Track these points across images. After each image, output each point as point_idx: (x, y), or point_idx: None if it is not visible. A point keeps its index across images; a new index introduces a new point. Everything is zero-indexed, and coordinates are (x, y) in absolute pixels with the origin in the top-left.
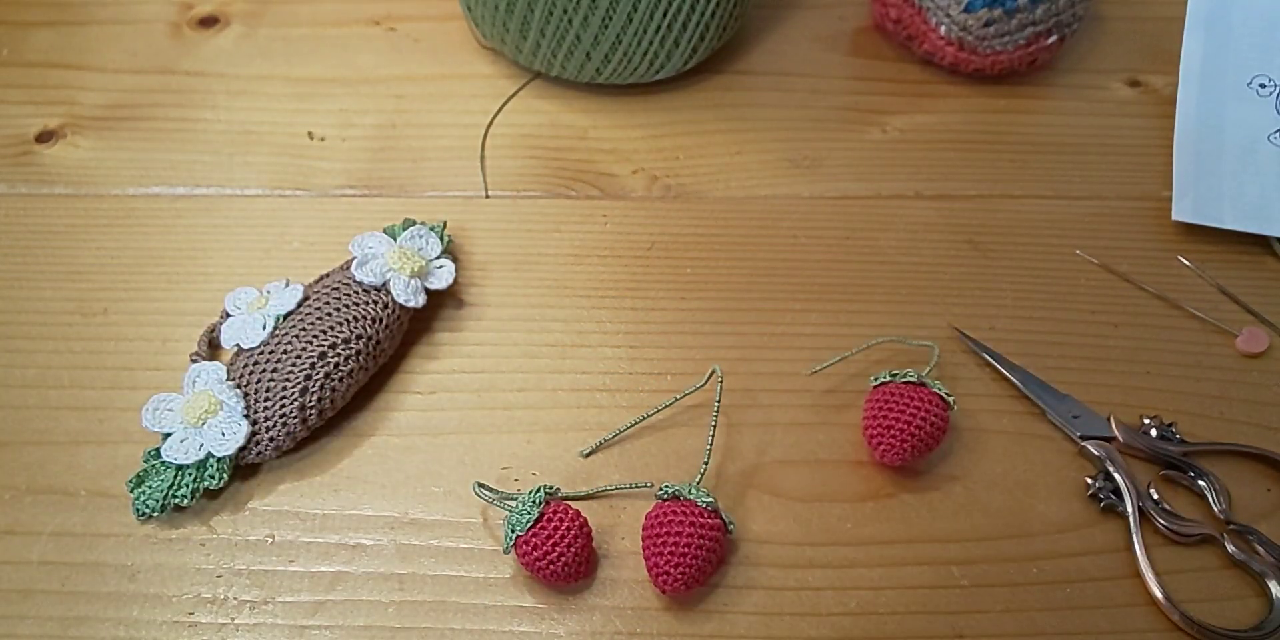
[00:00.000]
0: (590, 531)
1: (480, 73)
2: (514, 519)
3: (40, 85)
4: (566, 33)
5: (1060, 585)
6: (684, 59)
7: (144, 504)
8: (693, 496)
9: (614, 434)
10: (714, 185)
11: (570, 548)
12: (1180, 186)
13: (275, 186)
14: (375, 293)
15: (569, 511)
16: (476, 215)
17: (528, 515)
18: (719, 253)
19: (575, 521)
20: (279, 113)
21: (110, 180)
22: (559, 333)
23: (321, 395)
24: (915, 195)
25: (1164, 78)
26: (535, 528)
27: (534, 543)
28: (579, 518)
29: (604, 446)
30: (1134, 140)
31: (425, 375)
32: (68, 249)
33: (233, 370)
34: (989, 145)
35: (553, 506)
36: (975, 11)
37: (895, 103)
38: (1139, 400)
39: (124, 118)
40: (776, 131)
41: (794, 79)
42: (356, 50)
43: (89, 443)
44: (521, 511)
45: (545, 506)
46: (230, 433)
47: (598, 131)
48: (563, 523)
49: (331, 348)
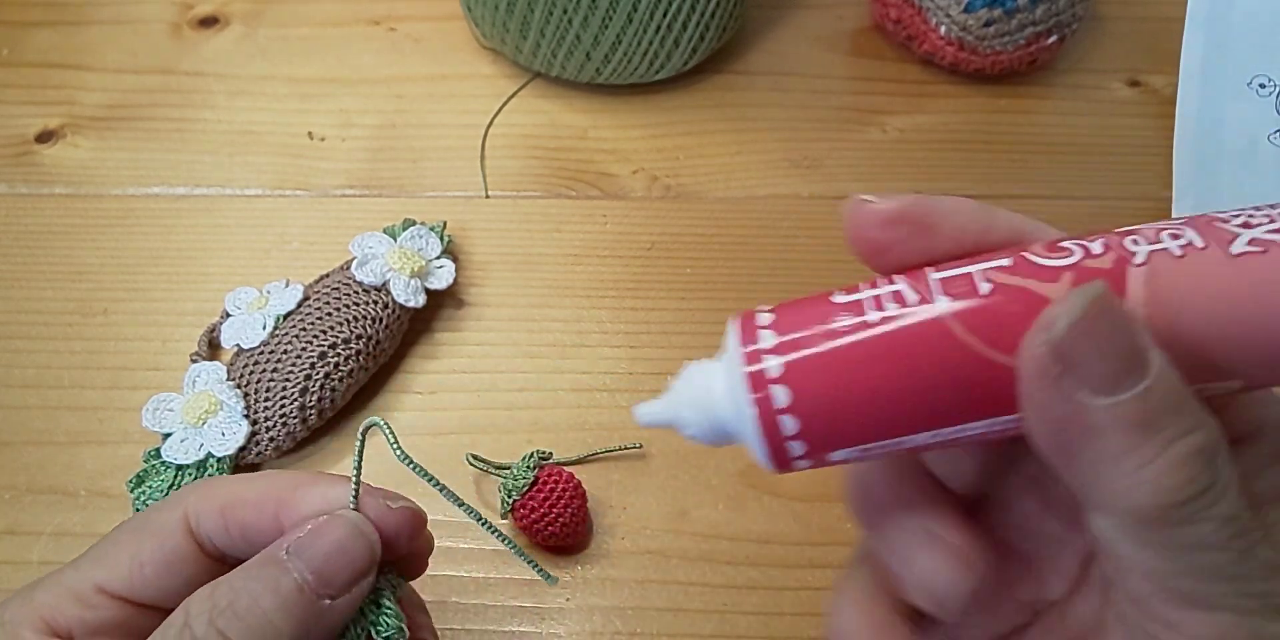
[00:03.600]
0: (585, 493)
1: (480, 73)
2: (509, 484)
3: (40, 85)
4: (566, 32)
5: None
6: (684, 59)
7: (144, 504)
8: None
9: None
10: (714, 185)
11: (567, 508)
12: (1180, 187)
13: (275, 186)
14: (375, 293)
15: (563, 474)
16: (476, 215)
17: (523, 479)
18: (719, 253)
19: (570, 483)
20: (279, 113)
21: (110, 180)
22: (559, 333)
23: (321, 395)
24: (915, 194)
25: (1164, 78)
26: (531, 491)
27: (530, 506)
28: (573, 479)
29: None
30: (1134, 140)
31: (425, 375)
32: (68, 249)
33: (233, 370)
34: (989, 145)
35: (546, 470)
36: (975, 11)
37: (895, 103)
38: None
39: (124, 118)
40: (776, 131)
41: (794, 79)
42: (356, 50)
43: (89, 443)
44: (517, 476)
45: (540, 470)
46: (230, 433)
47: (598, 131)
48: (558, 484)
49: (331, 348)
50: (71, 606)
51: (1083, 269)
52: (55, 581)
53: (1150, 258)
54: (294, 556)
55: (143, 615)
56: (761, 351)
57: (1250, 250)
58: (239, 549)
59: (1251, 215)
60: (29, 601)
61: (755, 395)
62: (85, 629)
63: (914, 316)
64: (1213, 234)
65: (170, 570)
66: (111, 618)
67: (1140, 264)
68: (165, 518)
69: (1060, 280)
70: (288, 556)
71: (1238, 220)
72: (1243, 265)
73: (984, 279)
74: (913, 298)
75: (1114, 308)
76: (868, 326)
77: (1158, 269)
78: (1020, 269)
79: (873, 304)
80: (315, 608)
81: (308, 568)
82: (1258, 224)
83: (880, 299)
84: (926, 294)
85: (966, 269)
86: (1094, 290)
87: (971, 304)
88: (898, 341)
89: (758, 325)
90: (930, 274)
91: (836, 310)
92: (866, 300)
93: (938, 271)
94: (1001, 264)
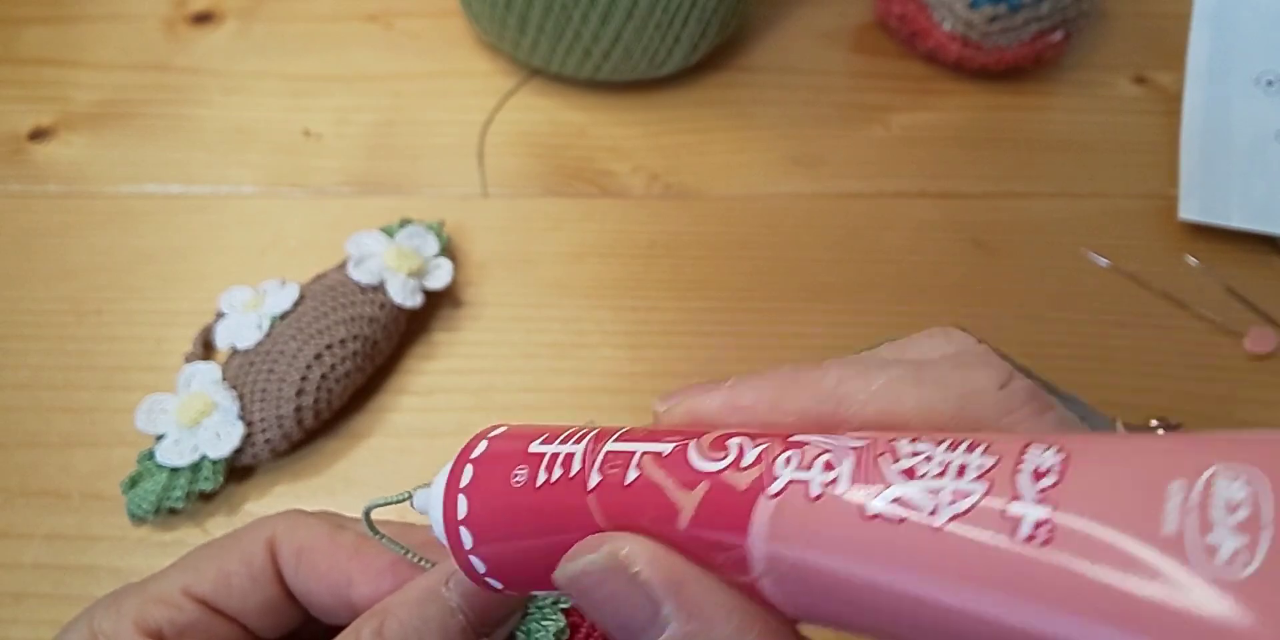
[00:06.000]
0: None
1: (478, 69)
2: None
3: (33, 82)
4: (566, 29)
5: None
6: (685, 56)
7: (138, 506)
8: None
9: None
10: (715, 183)
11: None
12: (1187, 185)
13: (270, 185)
14: (372, 292)
15: None
16: (474, 214)
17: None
18: (719, 252)
19: None
20: (274, 110)
21: (104, 178)
22: (558, 333)
23: (318, 396)
24: (919, 193)
25: (1170, 74)
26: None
27: None
28: None
29: None
30: (1140, 138)
31: (423, 376)
32: (60, 248)
33: (228, 371)
34: (993, 143)
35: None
36: (980, 8)
37: (898, 100)
38: (1146, 401)
39: (118, 115)
40: (778, 129)
41: (796, 76)
42: (353, 47)
43: (82, 444)
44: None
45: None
46: (225, 434)
47: (597, 129)
48: None
49: (328, 348)
50: (158, 609)
51: (719, 482)
52: (138, 590)
53: (786, 488)
54: (453, 592)
55: (224, 623)
56: (460, 480)
57: (886, 514)
58: (303, 591)
59: (930, 457)
60: (117, 609)
61: (446, 526)
62: (174, 628)
63: (566, 488)
64: (866, 475)
65: (254, 586)
66: (197, 620)
67: (774, 495)
68: (252, 538)
69: (695, 489)
70: (449, 592)
71: (905, 462)
72: (870, 530)
73: (636, 465)
74: (575, 468)
75: (623, 567)
76: (532, 485)
77: (785, 505)
78: (671, 463)
79: (548, 463)
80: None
81: (468, 605)
82: (921, 475)
83: (555, 460)
84: (588, 466)
85: (633, 446)
86: (612, 545)
87: (611, 490)
88: (549, 504)
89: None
90: (607, 444)
91: (521, 462)
92: (547, 457)
93: (616, 442)
94: (661, 451)
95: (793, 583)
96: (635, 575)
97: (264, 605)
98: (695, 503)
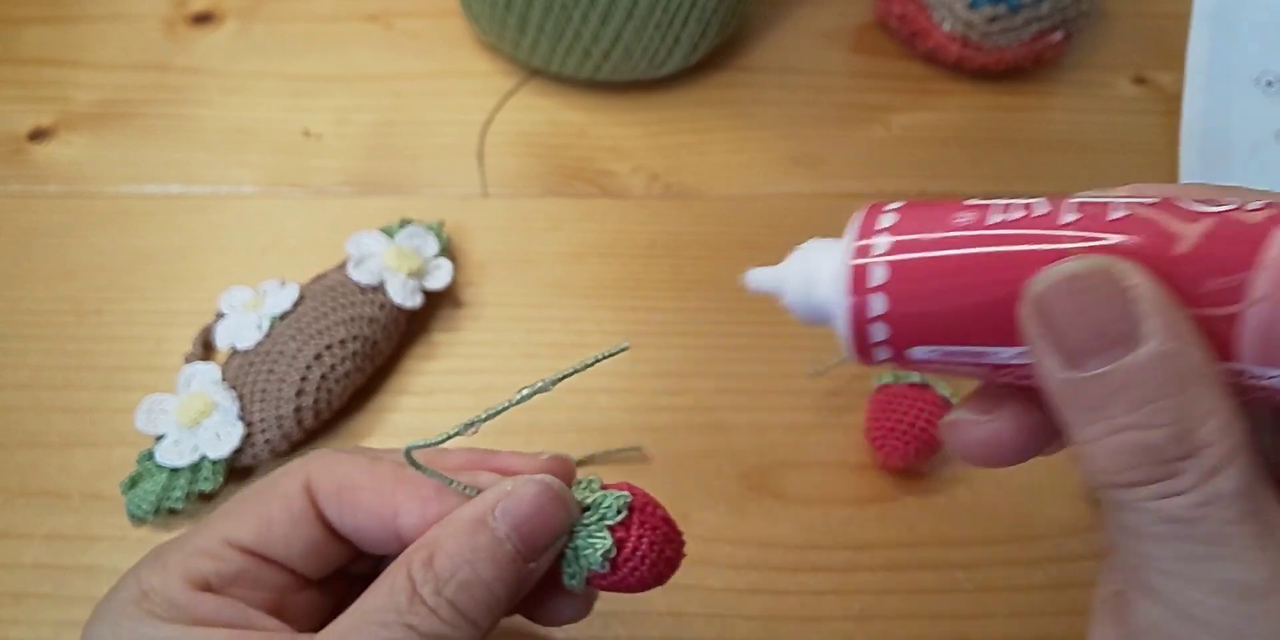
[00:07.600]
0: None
1: (478, 70)
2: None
3: (33, 82)
4: (566, 29)
5: (1067, 589)
6: (685, 56)
7: (137, 507)
8: None
9: None
10: (715, 183)
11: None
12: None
13: (270, 185)
14: (372, 293)
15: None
16: (474, 214)
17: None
18: (720, 252)
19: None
20: (274, 110)
21: (104, 178)
22: (558, 333)
23: (318, 397)
24: (919, 193)
25: (1170, 74)
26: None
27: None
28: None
29: None
30: (1140, 138)
31: (422, 376)
32: (60, 248)
33: (228, 371)
34: (993, 143)
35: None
36: (980, 8)
37: (898, 100)
38: None
39: (118, 115)
40: (778, 129)
41: (796, 76)
42: (353, 47)
43: (82, 445)
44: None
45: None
46: (225, 435)
47: (597, 129)
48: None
49: (327, 349)
50: (203, 561)
51: (1227, 218)
52: (179, 545)
53: None
54: (500, 520)
55: (269, 570)
56: (872, 249)
57: None
58: (349, 527)
59: None
60: (163, 565)
61: (853, 297)
62: (221, 579)
63: (1029, 223)
64: None
65: (296, 531)
66: (243, 569)
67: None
68: (288, 481)
69: (1199, 222)
70: (495, 521)
71: None
72: None
73: (1123, 207)
74: (1040, 210)
75: (1114, 279)
76: (981, 235)
77: None
78: (1161, 207)
79: (1000, 209)
80: (523, 572)
81: (516, 533)
82: None
83: (1010, 206)
84: (1057, 209)
85: (1107, 199)
86: (1104, 258)
87: (1091, 221)
88: (1004, 251)
89: (875, 228)
90: (1072, 199)
91: (960, 211)
92: (994, 206)
93: (1080, 196)
94: (1147, 201)
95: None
96: (1128, 288)
97: (308, 547)
98: (1199, 231)
